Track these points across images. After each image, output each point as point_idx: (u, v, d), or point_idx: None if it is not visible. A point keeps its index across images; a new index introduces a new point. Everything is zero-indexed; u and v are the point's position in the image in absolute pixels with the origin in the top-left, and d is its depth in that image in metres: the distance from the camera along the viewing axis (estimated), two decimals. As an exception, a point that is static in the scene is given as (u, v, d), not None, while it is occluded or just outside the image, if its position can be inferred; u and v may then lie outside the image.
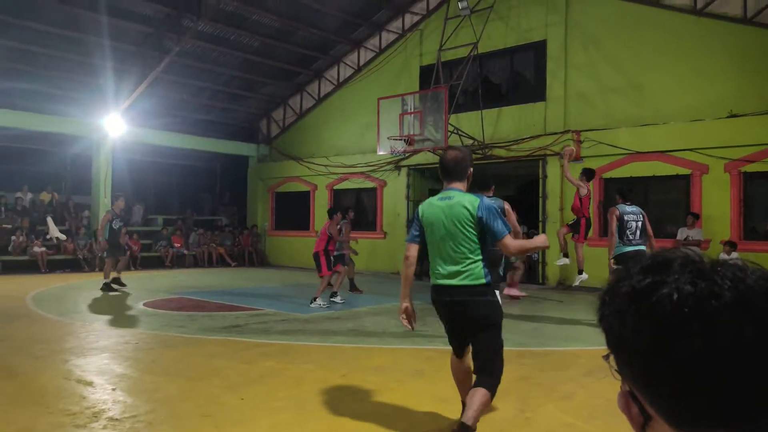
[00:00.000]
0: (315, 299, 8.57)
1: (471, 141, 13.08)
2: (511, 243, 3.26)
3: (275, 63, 16.22)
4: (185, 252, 16.44)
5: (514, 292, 9.87)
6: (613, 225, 7.08)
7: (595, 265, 11.63)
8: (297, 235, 17.23)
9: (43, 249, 13.88)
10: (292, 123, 18.11)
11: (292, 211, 17.55)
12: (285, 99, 18.09)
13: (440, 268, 3.37)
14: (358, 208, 16.33)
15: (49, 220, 14.26)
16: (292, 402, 4.05)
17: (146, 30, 13.67)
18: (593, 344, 6.24)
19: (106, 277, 10.28)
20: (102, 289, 10.03)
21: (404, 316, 3.54)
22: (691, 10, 11.08)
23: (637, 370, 0.63)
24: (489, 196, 5.83)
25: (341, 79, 16.87)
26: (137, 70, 14.17)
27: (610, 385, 4.15)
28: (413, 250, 3.46)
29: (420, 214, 3.44)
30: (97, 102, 14.63)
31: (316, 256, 8.88)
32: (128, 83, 14.34)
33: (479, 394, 3.19)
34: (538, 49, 13.03)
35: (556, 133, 12.33)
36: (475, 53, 13.11)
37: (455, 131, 12.78)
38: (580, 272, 9.04)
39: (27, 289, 10.21)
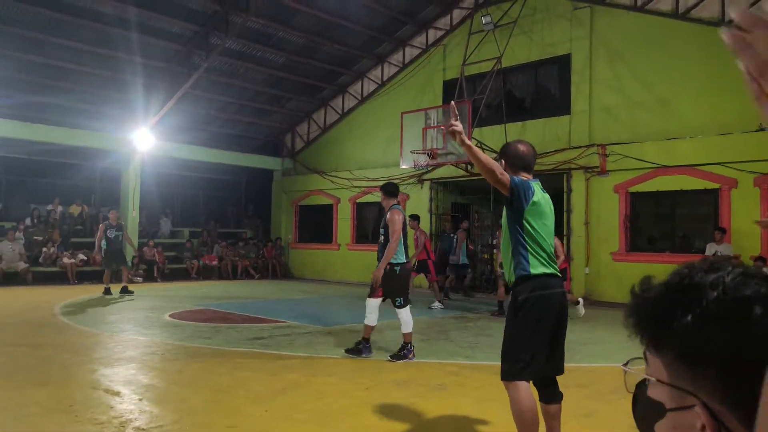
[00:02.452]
0: (437, 302, 10.50)
1: (495, 155, 13.05)
2: None
3: (300, 78, 16.46)
4: (212, 264, 16.69)
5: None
6: None
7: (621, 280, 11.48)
8: (320, 248, 17.34)
9: (73, 261, 14.21)
10: (316, 137, 18.31)
11: (316, 224, 17.68)
12: (309, 113, 18.32)
13: (547, 257, 3.07)
14: (380, 222, 16.37)
15: None
16: (315, 414, 4.07)
17: (175, 47, 14.01)
18: (618, 361, 6.14)
19: (105, 282, 11.55)
20: (104, 293, 11.29)
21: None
22: (718, 22, 10.96)
23: (729, 380, 0.57)
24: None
25: (365, 94, 17.03)
26: (166, 86, 14.52)
27: (635, 403, 4.07)
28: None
29: (534, 196, 3.03)
30: (127, 117, 15.01)
31: (425, 264, 10.92)
32: (157, 99, 14.70)
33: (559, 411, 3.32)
34: (563, 63, 13.00)
35: (580, 147, 12.25)
36: (499, 67, 13.13)
37: (479, 145, 12.77)
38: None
39: (56, 300, 10.46)
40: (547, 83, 13.70)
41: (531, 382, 3.16)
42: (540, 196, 3.07)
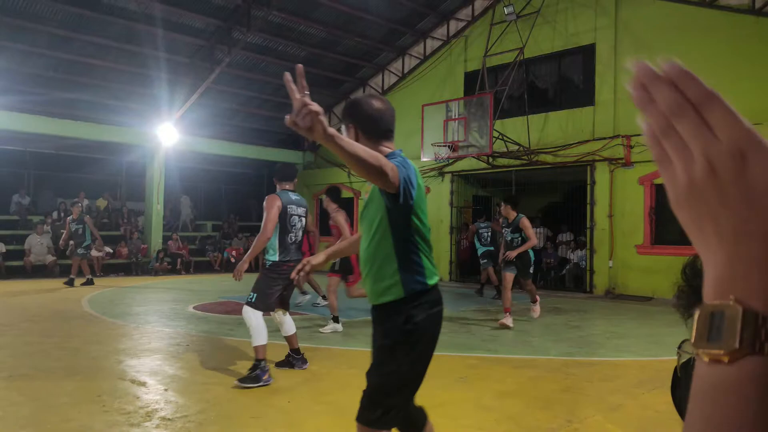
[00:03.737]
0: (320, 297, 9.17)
1: (517, 147, 12.94)
2: None
3: (321, 72, 16.47)
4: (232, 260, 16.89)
5: None
6: None
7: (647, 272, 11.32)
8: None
9: (100, 254, 14.49)
10: (337, 131, 18.31)
11: (337, 217, 17.73)
12: (330, 107, 18.33)
13: (432, 261, 2.37)
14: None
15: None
16: (337, 406, 4.10)
17: (198, 42, 14.13)
18: (643, 355, 6.07)
19: (72, 273, 11.93)
20: (66, 283, 11.74)
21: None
22: (748, 9, 10.67)
23: None
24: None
25: (385, 87, 16.99)
26: (189, 81, 14.67)
27: (660, 396, 4.04)
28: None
29: (417, 179, 2.27)
30: (152, 112, 15.22)
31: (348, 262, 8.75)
32: (181, 94, 14.86)
33: None
34: (587, 52, 12.80)
35: (605, 138, 12.07)
36: (521, 58, 12.98)
37: (500, 137, 12.68)
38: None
39: (83, 292, 10.68)
40: (571, 74, 13.51)
41: None
42: (418, 174, 2.30)
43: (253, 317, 4.66)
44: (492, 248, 11.93)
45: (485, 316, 8.63)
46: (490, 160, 13.37)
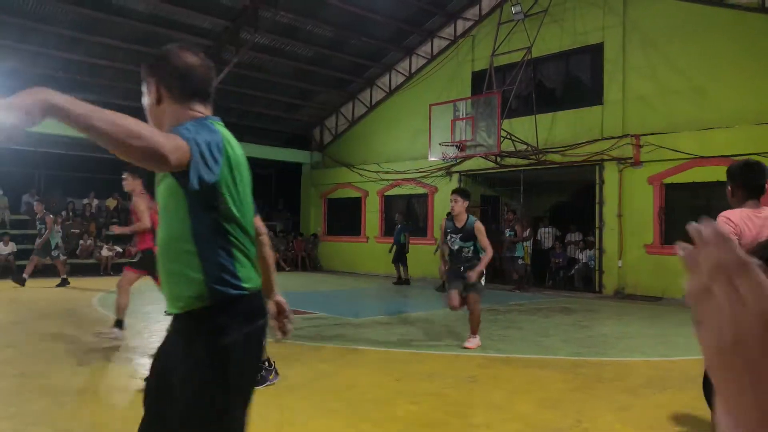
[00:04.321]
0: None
1: (525, 146, 12.91)
2: None
3: (328, 72, 16.51)
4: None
5: None
6: None
7: (657, 272, 11.26)
8: (349, 240, 17.43)
9: (110, 253, 14.60)
10: (344, 130, 18.37)
11: (344, 216, 17.77)
12: (337, 107, 18.37)
13: (252, 259, 1.79)
14: (409, 214, 16.40)
15: None
16: (347, 404, 4.11)
17: (206, 43, 14.19)
18: (653, 355, 6.04)
19: (25, 272, 11.77)
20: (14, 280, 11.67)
21: None
22: (758, 8, 10.60)
23: None
24: None
25: (393, 87, 17.00)
26: (197, 81, 14.71)
27: (671, 397, 4.02)
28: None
29: (227, 149, 1.72)
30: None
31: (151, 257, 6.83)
32: (189, 94, 14.91)
33: None
34: (595, 51, 12.75)
35: (613, 138, 12.02)
36: (529, 57, 12.95)
37: (508, 136, 12.65)
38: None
39: (93, 292, 10.75)
40: (579, 73, 13.46)
41: None
42: (233, 144, 1.78)
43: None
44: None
45: (493, 316, 8.62)
46: (498, 159, 13.34)
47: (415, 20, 15.43)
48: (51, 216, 11.91)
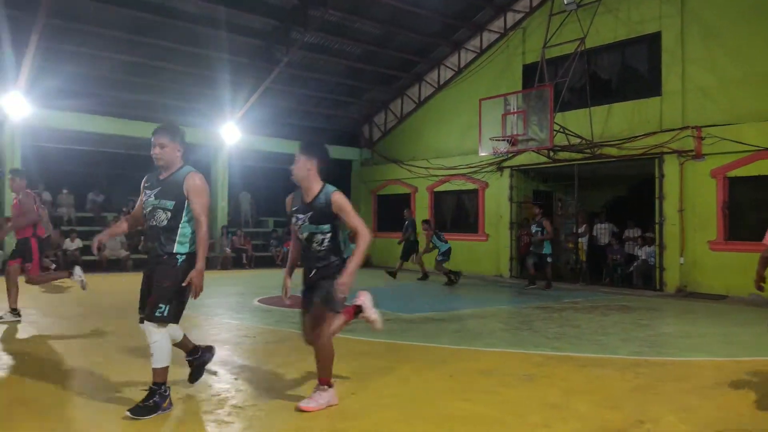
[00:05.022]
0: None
1: (579, 140, 12.60)
2: None
3: (377, 69, 16.56)
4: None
5: None
6: None
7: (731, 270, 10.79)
8: (399, 236, 17.44)
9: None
10: (393, 127, 18.39)
11: (394, 213, 17.78)
12: (386, 103, 18.41)
13: None
14: (459, 210, 16.27)
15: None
16: (401, 400, 4.13)
17: (258, 43, 14.49)
18: (719, 355, 5.80)
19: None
20: None
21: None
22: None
23: None
24: None
25: (442, 82, 16.90)
26: (250, 81, 15.09)
27: (738, 398, 3.86)
28: None
29: None
30: (215, 112, 15.75)
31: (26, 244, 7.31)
32: (242, 94, 15.32)
33: None
34: (652, 41, 12.30)
35: (673, 130, 11.57)
36: (583, 48, 12.62)
37: (561, 130, 12.37)
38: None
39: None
40: (635, 63, 13.01)
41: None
42: None
43: (161, 336, 3.68)
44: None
45: (548, 313, 8.47)
46: (551, 154, 13.07)
47: (464, 14, 15.28)
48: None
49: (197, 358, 4.18)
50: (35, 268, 6.86)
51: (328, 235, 3.90)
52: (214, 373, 4.74)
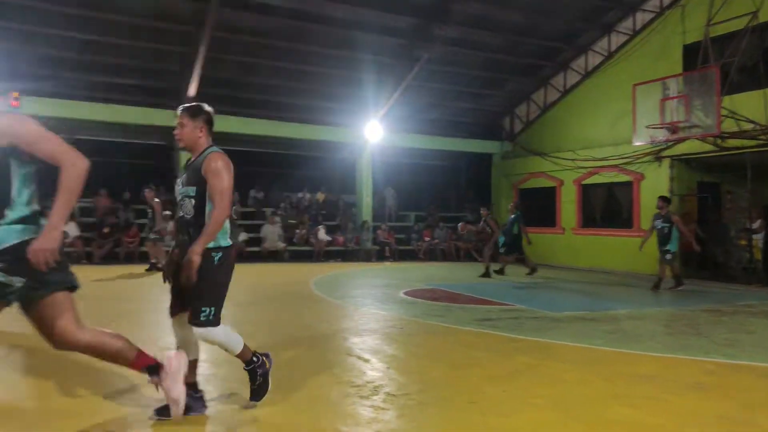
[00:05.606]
0: None
1: (751, 125, 11.26)
2: None
3: (518, 59, 16.13)
4: (433, 245, 17.59)
5: None
6: None
7: None
8: (543, 231, 16.89)
9: (324, 239, 16.17)
10: (535, 118, 17.81)
11: (538, 207, 17.25)
12: (528, 94, 17.86)
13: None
14: (610, 204, 15.34)
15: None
16: (552, 400, 4.02)
17: (400, 42, 14.81)
18: None
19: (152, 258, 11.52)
20: None
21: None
22: None
23: None
24: None
25: (589, 68, 16.02)
26: (392, 80, 15.50)
27: None
28: None
29: None
30: (360, 111, 16.42)
31: None
32: (385, 92, 15.80)
33: None
34: None
35: None
36: (755, 23, 11.24)
37: (730, 115, 11.15)
38: None
39: (309, 275, 11.97)
40: (825, 34, 11.31)
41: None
42: None
43: (219, 333, 3.41)
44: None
45: (717, 317, 7.70)
46: (718, 141, 11.82)
47: (614, -5, 14.34)
48: (158, 201, 12.15)
49: (193, 396, 3.54)
50: None
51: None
52: (368, 361, 4.97)
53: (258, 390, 3.64)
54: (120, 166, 16.14)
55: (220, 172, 3.30)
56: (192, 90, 13.85)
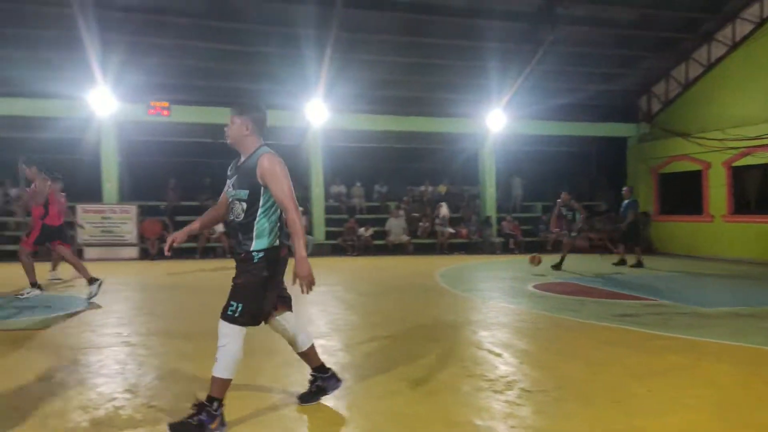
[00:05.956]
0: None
1: None
2: None
3: (654, 33, 14.93)
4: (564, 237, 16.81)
5: None
6: None
7: None
8: (687, 219, 15.55)
9: (448, 230, 16.20)
10: (676, 96, 16.38)
11: (680, 193, 15.88)
12: (667, 70, 16.47)
13: None
14: (765, 187, 13.76)
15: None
16: (707, 402, 3.67)
17: (523, 26, 14.32)
18: None
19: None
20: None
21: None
22: None
23: None
24: None
25: (737, 39, 14.39)
26: (516, 66, 15.06)
27: None
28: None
29: None
30: (481, 101, 16.15)
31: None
32: (507, 79, 15.39)
33: None
34: None
35: None
36: None
37: None
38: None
39: (434, 268, 12.02)
40: None
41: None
42: None
43: (229, 336, 3.16)
44: None
45: None
46: None
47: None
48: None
49: (323, 378, 3.61)
50: (28, 243, 7.61)
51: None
52: (499, 355, 4.88)
53: (179, 425, 3.09)
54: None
55: (278, 176, 3.16)
56: (320, 90, 14.46)
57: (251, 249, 3.19)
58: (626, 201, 12.55)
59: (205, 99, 14.64)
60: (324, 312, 6.94)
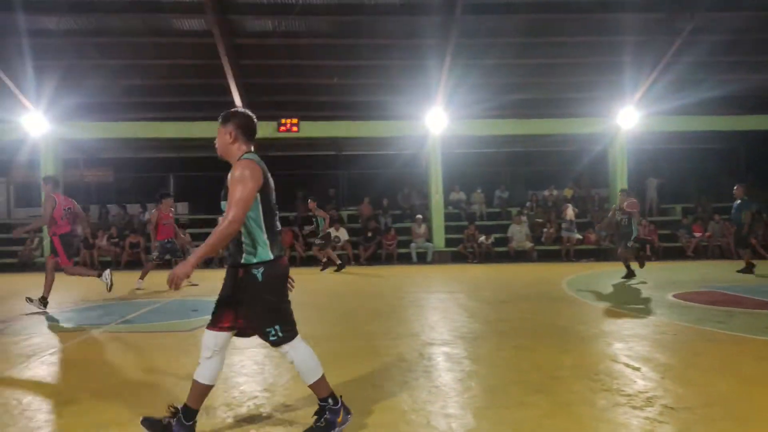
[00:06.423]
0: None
1: None
2: None
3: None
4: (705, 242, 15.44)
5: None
6: None
7: None
8: None
9: (575, 236, 15.53)
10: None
11: None
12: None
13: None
14: None
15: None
16: None
17: (657, 16, 13.40)
18: None
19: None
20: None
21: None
22: None
23: None
24: None
25: None
26: (650, 60, 14.14)
27: None
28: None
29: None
30: (610, 98, 15.31)
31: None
32: (640, 74, 14.46)
33: None
34: None
35: None
36: None
37: None
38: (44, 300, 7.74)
39: (560, 275, 11.54)
40: None
41: None
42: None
43: (296, 353, 3.19)
44: None
45: None
46: None
47: None
48: (322, 211, 12.81)
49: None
50: (63, 260, 7.65)
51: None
52: (637, 369, 4.57)
53: (316, 429, 3.19)
54: (377, 176, 17.76)
55: (236, 180, 2.97)
56: (440, 99, 14.56)
57: (247, 262, 3.06)
58: (738, 201, 11.17)
59: (330, 114, 15.37)
60: (446, 319, 6.93)
